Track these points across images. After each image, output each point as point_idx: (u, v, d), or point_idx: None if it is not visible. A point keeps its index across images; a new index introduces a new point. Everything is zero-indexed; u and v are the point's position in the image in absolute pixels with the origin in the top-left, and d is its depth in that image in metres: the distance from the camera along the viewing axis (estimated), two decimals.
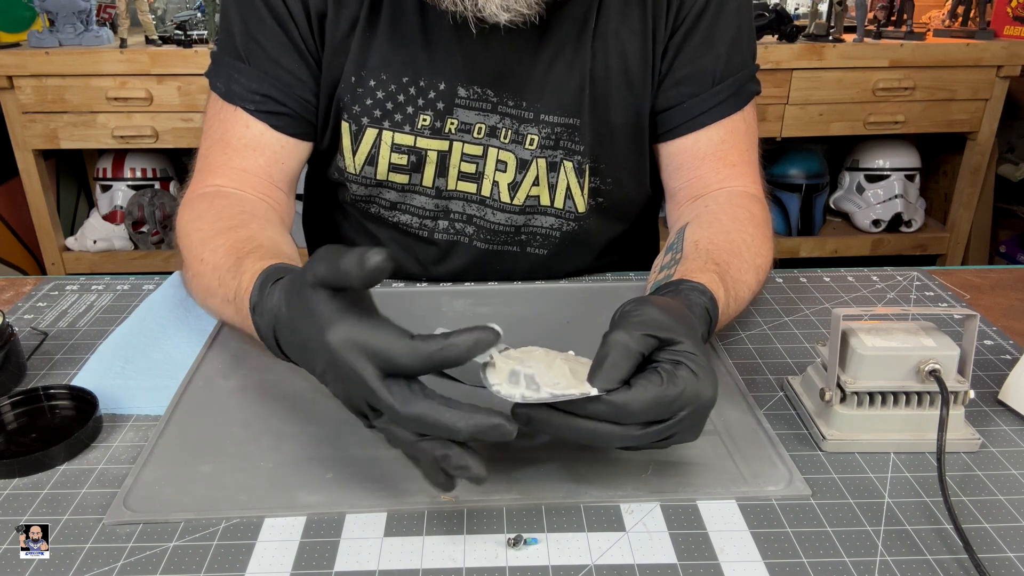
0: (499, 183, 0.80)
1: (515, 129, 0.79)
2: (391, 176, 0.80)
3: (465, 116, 0.78)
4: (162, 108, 1.96)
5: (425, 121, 0.78)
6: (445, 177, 0.80)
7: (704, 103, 0.79)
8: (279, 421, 0.59)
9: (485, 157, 0.80)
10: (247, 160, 0.76)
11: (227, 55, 0.77)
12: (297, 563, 0.46)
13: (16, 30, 2.10)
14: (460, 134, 0.79)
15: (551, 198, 0.82)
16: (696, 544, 0.48)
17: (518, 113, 0.78)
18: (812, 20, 2.12)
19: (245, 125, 0.77)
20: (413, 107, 0.77)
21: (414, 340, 0.45)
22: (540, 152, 0.79)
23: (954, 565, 0.46)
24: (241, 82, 0.76)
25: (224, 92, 0.77)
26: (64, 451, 0.55)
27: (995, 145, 2.21)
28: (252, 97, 0.76)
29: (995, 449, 0.57)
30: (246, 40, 0.76)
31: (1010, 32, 2.12)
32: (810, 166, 2.25)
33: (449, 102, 0.77)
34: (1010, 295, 0.81)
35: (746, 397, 0.62)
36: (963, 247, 2.28)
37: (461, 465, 0.45)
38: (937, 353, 0.54)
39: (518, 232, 0.84)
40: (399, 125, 0.78)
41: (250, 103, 0.76)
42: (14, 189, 2.12)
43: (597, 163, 0.81)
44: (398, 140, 0.78)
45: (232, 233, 0.66)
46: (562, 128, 0.78)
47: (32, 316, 0.76)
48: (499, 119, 0.78)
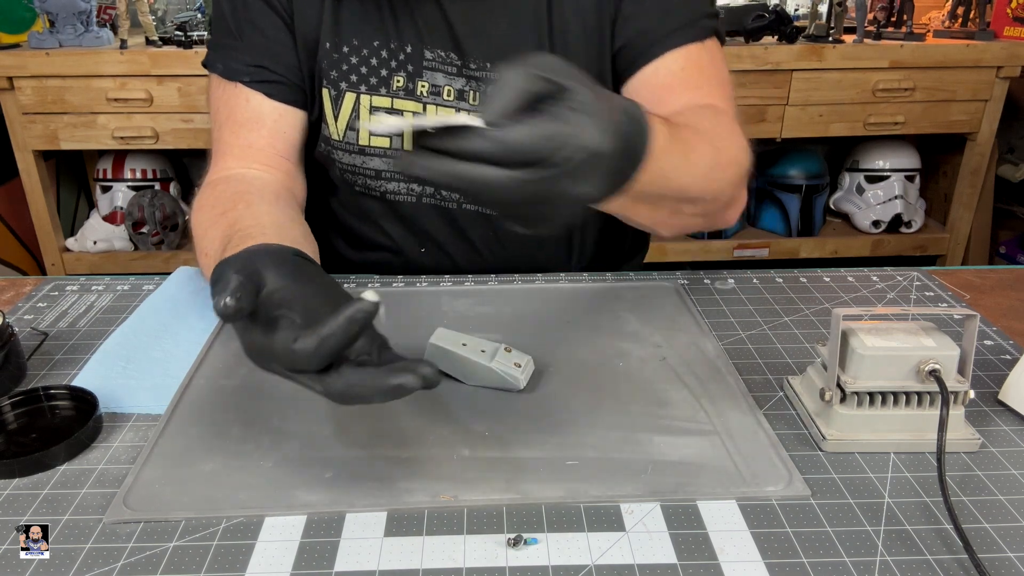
0: None
1: (481, 91, 0.81)
2: (373, 140, 0.83)
3: (434, 79, 0.81)
4: (162, 109, 1.96)
5: (399, 83, 0.81)
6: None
7: (655, 33, 0.79)
8: (279, 421, 0.59)
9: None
10: (252, 134, 0.80)
11: (222, 38, 0.82)
12: (297, 563, 0.46)
13: (16, 31, 2.10)
14: (432, 96, 0.82)
15: None
16: (696, 544, 0.48)
17: (482, 75, 0.81)
18: (812, 21, 2.12)
19: (246, 99, 0.80)
20: (387, 69, 0.81)
21: (296, 343, 0.46)
22: None
23: (954, 565, 0.46)
24: (237, 58, 0.80)
25: (223, 71, 0.81)
26: (64, 451, 0.55)
27: (995, 146, 2.21)
28: (248, 70, 0.80)
29: (995, 449, 0.57)
30: (236, 19, 0.81)
31: (1010, 33, 2.12)
32: (810, 167, 2.25)
33: (417, 64, 0.81)
34: (1010, 295, 0.81)
35: (746, 397, 0.62)
36: (963, 248, 2.28)
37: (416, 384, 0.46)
38: (937, 353, 0.54)
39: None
40: (375, 88, 0.81)
41: (247, 75, 0.80)
42: (14, 190, 2.12)
43: None
44: (376, 103, 0.82)
45: (222, 220, 0.68)
46: None
47: (32, 316, 0.76)
48: (465, 82, 0.81)
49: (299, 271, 0.53)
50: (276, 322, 0.49)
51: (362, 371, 0.47)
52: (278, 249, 0.57)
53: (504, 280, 0.84)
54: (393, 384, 0.46)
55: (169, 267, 2.12)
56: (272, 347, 0.48)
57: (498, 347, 0.64)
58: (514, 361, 0.63)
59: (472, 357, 0.62)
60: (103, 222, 2.17)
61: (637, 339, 0.71)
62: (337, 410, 0.60)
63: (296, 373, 0.49)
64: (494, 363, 0.62)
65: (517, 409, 0.61)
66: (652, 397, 0.62)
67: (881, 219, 2.24)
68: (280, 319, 0.49)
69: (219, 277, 0.51)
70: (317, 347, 0.46)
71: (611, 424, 0.59)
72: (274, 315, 0.49)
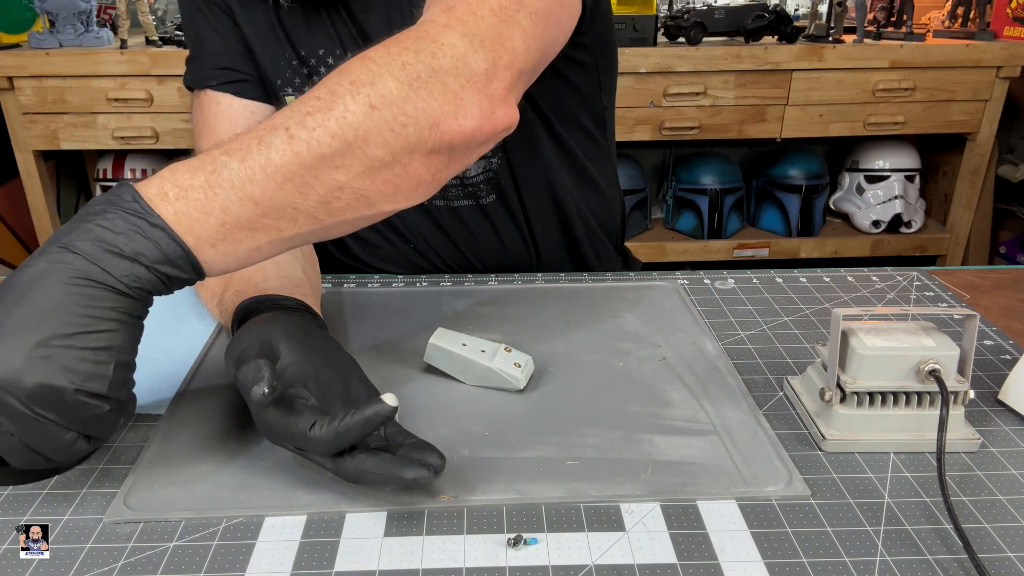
0: None
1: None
2: None
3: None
4: (162, 109, 1.96)
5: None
6: None
7: None
8: None
9: None
10: (224, 135, 0.80)
11: (191, 51, 0.84)
12: (297, 563, 0.46)
13: (16, 31, 2.10)
14: None
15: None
16: (696, 544, 0.48)
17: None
18: (812, 21, 2.12)
19: (216, 103, 0.82)
20: (318, 77, 0.80)
21: (312, 432, 0.48)
22: None
23: (954, 565, 0.46)
24: (203, 66, 0.82)
25: (193, 80, 0.83)
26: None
27: (995, 146, 2.21)
28: (213, 74, 0.82)
29: (995, 449, 0.57)
30: (195, 30, 0.83)
31: (1010, 33, 2.12)
32: (810, 167, 2.25)
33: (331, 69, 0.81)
34: (1010, 295, 0.81)
35: (746, 397, 0.62)
36: (963, 248, 2.28)
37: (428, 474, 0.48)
38: (937, 353, 0.54)
39: (462, 184, 0.85)
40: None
41: (213, 79, 0.81)
42: (14, 190, 2.12)
43: None
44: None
45: None
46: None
47: None
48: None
49: (309, 341, 0.55)
50: (292, 403, 0.51)
51: (376, 458, 0.49)
52: (283, 310, 0.59)
53: (504, 280, 0.84)
54: (407, 478, 0.48)
55: None
56: (290, 431, 0.49)
57: (498, 347, 0.64)
58: (514, 361, 0.63)
59: (472, 357, 0.62)
60: None
61: (637, 339, 0.71)
62: None
63: (307, 453, 0.51)
64: (494, 363, 0.62)
65: (517, 409, 0.61)
66: (652, 397, 0.62)
67: (881, 219, 2.24)
68: (295, 400, 0.51)
69: (241, 359, 0.52)
70: (333, 439, 0.48)
71: (611, 424, 0.59)
72: (289, 395, 0.51)
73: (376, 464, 0.49)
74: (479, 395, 0.63)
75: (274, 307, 0.60)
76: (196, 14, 0.83)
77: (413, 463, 0.48)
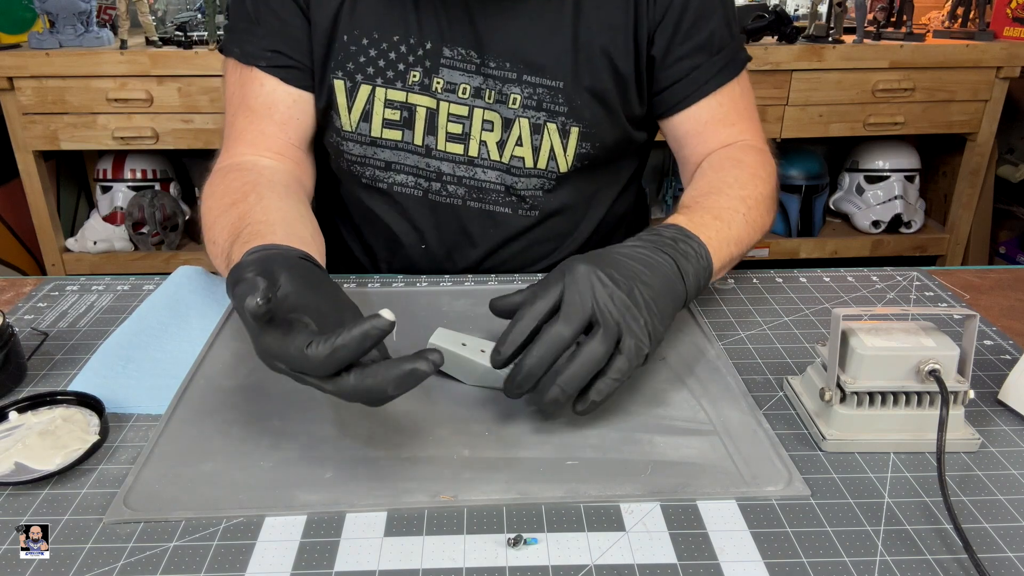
0: (487, 142, 0.84)
1: (498, 90, 0.82)
2: (385, 132, 0.83)
3: (450, 76, 0.81)
4: (162, 109, 1.96)
5: (415, 77, 0.81)
6: (435, 136, 0.84)
7: (706, 73, 0.84)
8: (279, 421, 0.59)
9: (471, 118, 0.83)
10: (265, 120, 0.81)
11: (240, 21, 0.82)
12: (297, 563, 0.46)
13: (16, 31, 2.10)
14: (446, 93, 0.82)
15: (534, 160, 0.85)
16: (696, 544, 0.48)
17: (501, 74, 0.81)
18: (812, 21, 2.12)
19: (260, 84, 0.81)
20: (404, 64, 0.81)
21: (308, 349, 0.48)
22: (523, 112, 0.82)
23: (954, 565, 0.47)
24: (254, 42, 0.81)
25: (240, 55, 0.82)
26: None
27: (995, 146, 2.21)
28: (264, 54, 0.80)
29: (995, 449, 0.57)
30: (254, 3, 0.81)
31: (1010, 33, 2.12)
32: (810, 167, 2.25)
33: (435, 61, 0.81)
34: (1010, 295, 0.81)
35: (746, 397, 0.62)
36: (963, 248, 2.28)
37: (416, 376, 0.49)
38: (937, 353, 0.54)
39: (508, 192, 0.86)
40: (391, 82, 0.81)
41: (263, 60, 0.81)
42: (14, 190, 2.12)
43: (581, 125, 0.83)
44: (391, 96, 0.82)
45: (232, 210, 0.70)
46: (544, 90, 0.81)
47: (32, 316, 0.76)
48: (483, 80, 0.82)
49: (309, 276, 0.55)
50: (291, 325, 0.51)
51: (372, 367, 0.49)
52: (288, 252, 0.59)
53: (504, 280, 0.84)
54: (407, 369, 0.48)
55: (169, 267, 2.11)
56: (286, 350, 0.49)
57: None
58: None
59: (472, 357, 0.62)
60: (103, 222, 2.17)
61: None
62: (337, 410, 0.60)
63: (304, 375, 0.50)
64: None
65: (517, 409, 0.61)
66: (652, 397, 0.62)
67: (881, 219, 2.24)
68: (294, 323, 0.51)
69: (239, 278, 0.52)
70: (329, 355, 0.48)
71: (611, 424, 0.59)
72: (288, 318, 0.51)
73: (374, 371, 0.49)
74: (479, 395, 0.63)
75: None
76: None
77: (409, 360, 0.49)
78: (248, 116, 0.81)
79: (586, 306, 0.56)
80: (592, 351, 0.54)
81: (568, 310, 0.56)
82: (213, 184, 0.77)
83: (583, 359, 0.54)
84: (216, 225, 0.70)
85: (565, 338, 0.55)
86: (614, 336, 0.55)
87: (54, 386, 0.64)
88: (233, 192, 0.72)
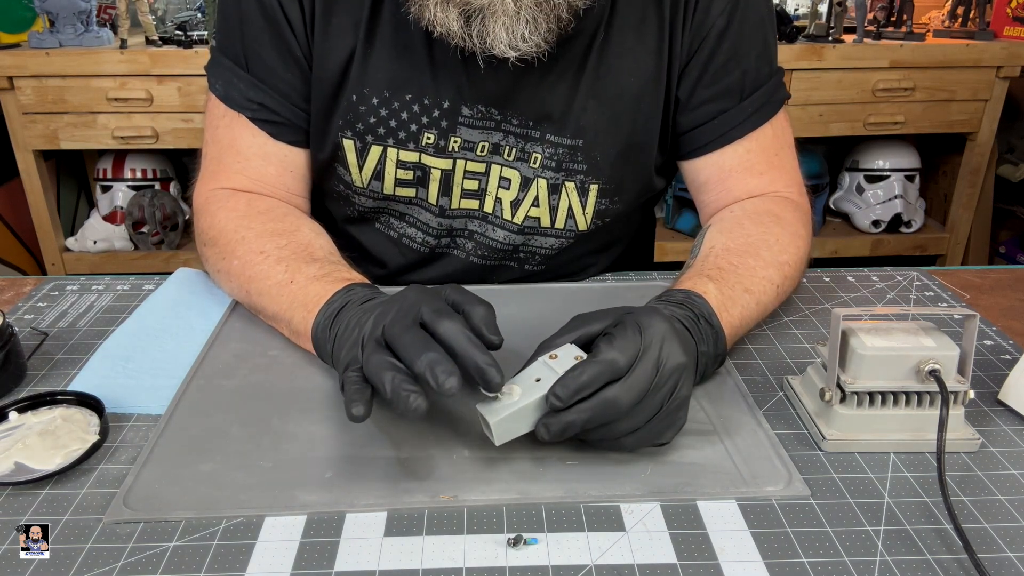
0: (502, 200, 0.80)
1: (520, 147, 0.77)
2: (398, 191, 0.80)
3: (468, 135, 0.77)
4: (162, 109, 1.96)
5: (429, 139, 0.76)
6: (449, 196, 0.80)
7: (733, 119, 0.78)
8: (279, 421, 0.59)
9: (488, 174, 0.79)
10: (260, 169, 0.78)
11: (226, 56, 0.77)
12: (297, 563, 0.46)
13: (16, 31, 2.10)
14: (463, 152, 0.77)
15: (551, 220, 0.81)
16: (696, 544, 0.48)
17: (523, 132, 0.77)
18: (812, 21, 2.12)
19: (252, 134, 0.77)
20: (417, 125, 0.76)
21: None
22: (542, 172, 0.78)
23: (954, 565, 0.47)
24: (239, 87, 0.76)
25: (223, 96, 0.77)
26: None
27: (995, 146, 2.21)
28: (250, 105, 0.76)
29: (995, 449, 0.57)
30: (244, 45, 0.76)
31: (1010, 33, 2.12)
32: (810, 167, 2.25)
33: (452, 120, 0.76)
34: (1010, 295, 0.81)
35: (746, 397, 0.62)
36: (963, 248, 2.28)
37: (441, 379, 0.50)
38: (937, 353, 0.54)
39: (516, 251, 0.84)
40: (403, 143, 0.77)
41: (248, 111, 0.76)
42: (14, 189, 2.12)
43: (601, 182, 0.79)
44: (403, 157, 0.77)
45: (286, 238, 0.71)
46: (565, 149, 0.77)
47: (32, 316, 0.76)
48: (503, 136, 0.77)
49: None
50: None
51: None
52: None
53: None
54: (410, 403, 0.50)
55: (169, 267, 2.12)
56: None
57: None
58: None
59: (523, 402, 0.61)
60: (103, 222, 2.17)
61: None
62: (337, 410, 0.60)
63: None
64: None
65: None
66: None
67: (881, 219, 2.23)
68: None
69: (377, 371, 0.52)
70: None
71: None
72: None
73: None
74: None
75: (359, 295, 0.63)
76: (252, 29, 0.75)
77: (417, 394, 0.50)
78: (239, 161, 0.78)
79: (651, 379, 0.52)
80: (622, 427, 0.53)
81: (632, 382, 0.51)
82: (234, 203, 0.75)
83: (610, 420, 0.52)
84: (271, 241, 0.71)
85: (620, 408, 0.51)
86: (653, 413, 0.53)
87: (54, 386, 0.64)
88: (279, 219, 0.74)
